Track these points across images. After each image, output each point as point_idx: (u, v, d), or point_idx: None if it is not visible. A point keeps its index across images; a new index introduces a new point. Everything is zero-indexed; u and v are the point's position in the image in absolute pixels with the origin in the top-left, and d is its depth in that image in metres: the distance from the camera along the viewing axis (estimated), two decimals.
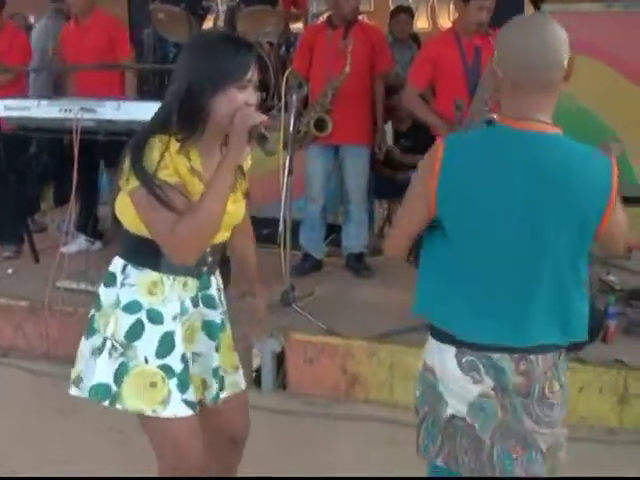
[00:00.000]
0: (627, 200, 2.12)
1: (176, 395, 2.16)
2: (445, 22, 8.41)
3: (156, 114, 2.11)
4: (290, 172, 4.22)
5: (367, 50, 4.79)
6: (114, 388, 2.14)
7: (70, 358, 2.29)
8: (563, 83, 1.93)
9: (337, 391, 3.96)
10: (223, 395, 2.35)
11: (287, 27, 6.84)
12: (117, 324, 2.15)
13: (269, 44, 6.37)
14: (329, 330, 4.00)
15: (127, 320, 2.15)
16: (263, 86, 5.85)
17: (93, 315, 2.23)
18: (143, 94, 5.89)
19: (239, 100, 2.04)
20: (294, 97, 4.40)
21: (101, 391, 2.15)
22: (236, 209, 2.21)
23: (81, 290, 4.46)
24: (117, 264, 2.23)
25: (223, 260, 2.42)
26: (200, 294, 2.28)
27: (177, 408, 2.16)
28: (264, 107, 5.33)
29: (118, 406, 2.14)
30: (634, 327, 4.00)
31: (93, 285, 4.37)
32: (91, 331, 2.22)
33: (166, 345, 2.16)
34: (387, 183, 5.74)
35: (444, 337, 2.01)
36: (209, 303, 2.31)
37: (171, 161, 2.02)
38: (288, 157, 4.21)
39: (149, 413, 2.14)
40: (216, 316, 2.33)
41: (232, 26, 6.43)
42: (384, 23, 7.00)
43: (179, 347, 2.18)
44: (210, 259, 2.26)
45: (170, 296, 2.18)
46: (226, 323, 2.38)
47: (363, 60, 4.75)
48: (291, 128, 4.30)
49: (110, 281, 2.22)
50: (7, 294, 4.67)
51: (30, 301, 4.54)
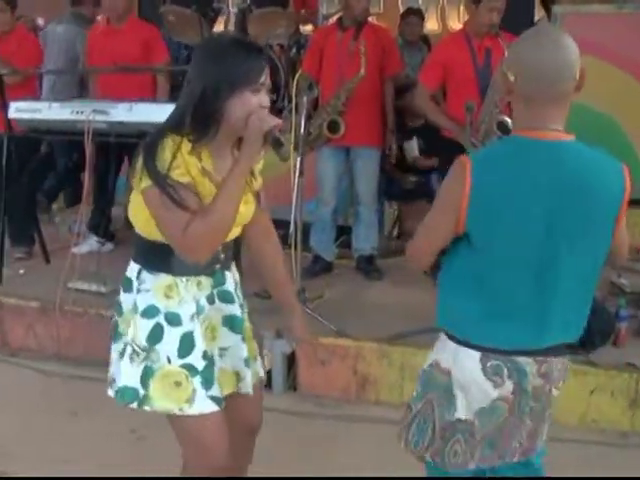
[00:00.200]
0: (637, 203, 2.14)
1: (201, 392, 2.20)
2: (455, 24, 8.41)
3: (170, 116, 2.14)
4: (301, 174, 4.22)
5: (378, 52, 4.79)
6: (142, 391, 2.18)
7: (80, 359, 2.31)
8: (575, 93, 1.97)
9: (348, 392, 3.96)
10: (253, 381, 2.39)
11: (297, 29, 6.85)
12: (137, 329, 2.20)
13: (279, 46, 6.38)
14: (340, 332, 4.00)
15: (146, 325, 2.19)
16: (273, 88, 5.85)
17: (116, 321, 2.29)
18: (175, 99, 5.81)
19: (253, 103, 2.07)
20: (304, 99, 4.40)
21: (128, 394, 2.19)
22: (246, 210, 2.23)
23: (92, 291, 4.47)
24: (132, 269, 2.27)
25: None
26: (215, 291, 2.31)
27: (203, 405, 2.20)
28: (274, 109, 5.34)
29: (146, 408, 2.19)
30: None
31: (104, 286, 4.40)
32: (117, 336, 2.27)
33: (186, 345, 2.20)
34: (397, 185, 5.74)
35: (466, 342, 2.04)
36: (226, 298, 2.34)
37: (183, 161, 2.05)
38: (299, 159, 4.21)
39: (176, 412, 2.18)
40: (236, 309, 2.36)
41: (243, 28, 6.43)
42: (393, 25, 7.01)
43: (199, 345, 2.22)
44: (222, 256, 2.29)
45: (186, 297, 2.22)
46: (244, 314, 2.42)
47: (374, 62, 4.75)
48: (302, 130, 4.30)
49: (127, 286, 2.27)
50: (18, 294, 4.69)
51: (41, 302, 4.55)
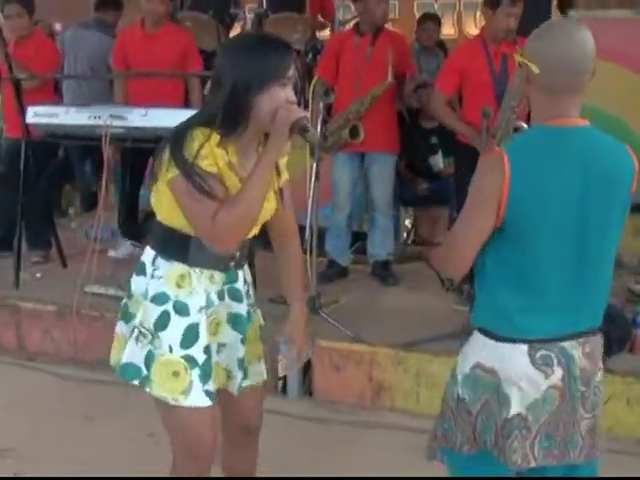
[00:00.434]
0: None
1: (198, 385, 2.21)
2: (471, 29, 8.39)
3: (200, 113, 2.18)
4: (317, 179, 4.23)
5: (394, 57, 4.77)
6: (144, 372, 2.20)
7: (97, 363, 2.32)
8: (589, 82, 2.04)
9: (363, 398, 3.96)
10: (245, 384, 2.38)
11: (314, 34, 6.85)
12: (145, 314, 2.22)
13: (295, 51, 6.37)
14: (355, 337, 3.99)
15: (155, 311, 2.22)
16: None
17: (126, 302, 2.32)
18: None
19: (281, 97, 2.10)
20: (320, 104, 4.41)
21: (130, 371, 2.22)
22: (267, 206, 2.24)
23: (108, 295, 4.50)
24: (148, 254, 2.29)
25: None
26: (226, 287, 2.32)
27: (198, 398, 2.21)
28: None
29: (147, 389, 2.21)
30: None
31: (121, 290, 4.41)
32: (128, 316, 2.30)
33: (190, 336, 2.21)
34: (412, 191, 5.74)
35: (512, 338, 2.05)
36: (235, 296, 2.35)
37: (211, 152, 2.08)
38: (314, 164, 4.21)
39: (170, 401, 2.20)
40: (242, 308, 2.37)
41: None
42: (409, 30, 7.00)
43: (203, 338, 2.23)
44: (238, 254, 2.31)
45: (197, 289, 2.23)
46: (253, 315, 2.42)
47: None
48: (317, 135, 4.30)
49: (140, 270, 2.29)
50: (35, 299, 4.73)
51: (58, 306, 4.59)
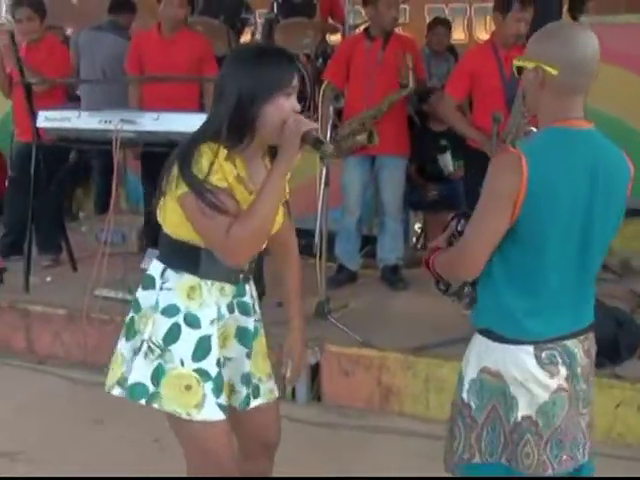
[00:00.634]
0: None
1: (211, 399, 2.18)
2: (482, 34, 8.40)
3: (206, 124, 2.16)
4: (326, 184, 4.23)
5: (404, 61, 4.77)
6: (152, 388, 2.17)
7: (107, 366, 2.31)
8: None
9: (372, 403, 3.95)
10: (257, 402, 2.35)
11: (324, 39, 6.86)
12: (155, 327, 2.19)
13: (306, 56, 6.39)
14: (364, 342, 3.99)
15: (165, 323, 2.19)
16: (299, 97, 5.84)
17: (132, 317, 2.27)
18: None
19: (286, 107, 2.11)
20: (330, 109, 4.41)
21: (138, 390, 2.18)
22: (277, 218, 2.23)
23: (119, 299, 4.51)
24: (156, 267, 2.26)
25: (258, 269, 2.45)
26: (235, 300, 2.31)
27: (211, 412, 2.18)
28: None
29: (155, 405, 2.18)
30: None
31: (131, 294, 4.41)
32: (132, 333, 2.26)
33: (202, 349, 2.19)
34: (422, 195, 5.73)
35: (518, 339, 2.05)
36: (244, 310, 2.34)
37: (220, 167, 2.08)
38: (324, 169, 4.21)
39: (183, 416, 2.17)
40: (250, 323, 2.35)
41: (270, 38, 6.46)
42: (420, 35, 7.01)
43: (215, 351, 2.21)
44: (247, 267, 2.30)
45: (207, 301, 2.21)
46: (260, 330, 2.40)
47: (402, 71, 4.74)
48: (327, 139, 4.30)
49: (148, 284, 2.26)
50: (45, 302, 4.74)
51: (68, 309, 4.60)
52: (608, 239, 2.11)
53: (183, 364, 2.17)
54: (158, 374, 2.17)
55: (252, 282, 2.40)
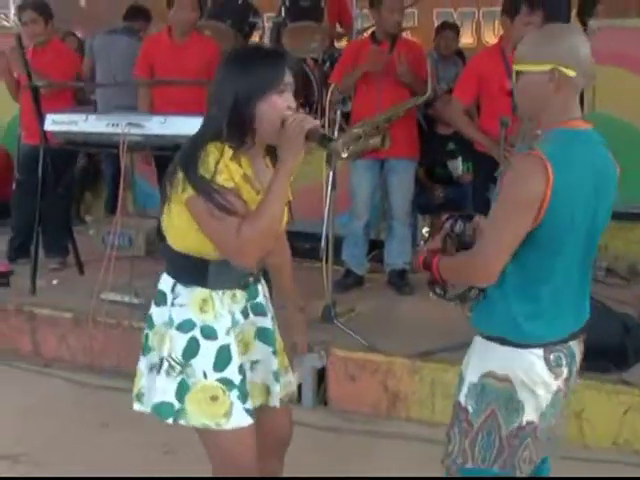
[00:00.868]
0: None
1: (238, 406, 2.20)
2: (490, 38, 8.37)
3: (204, 127, 2.16)
4: (333, 187, 4.22)
5: (411, 65, 4.76)
6: (177, 405, 2.18)
7: (114, 370, 2.31)
8: None
9: (378, 408, 3.93)
10: (281, 396, 2.39)
11: (332, 43, 6.87)
12: (172, 343, 2.20)
13: (313, 60, 6.40)
14: (371, 347, 3.97)
15: (182, 339, 2.19)
16: (306, 101, 5.86)
17: (147, 334, 2.29)
18: None
19: (280, 105, 2.11)
20: (338, 112, 4.40)
21: (164, 409, 2.19)
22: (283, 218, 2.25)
23: (124, 302, 4.50)
24: (166, 282, 2.27)
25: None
26: (249, 304, 2.32)
27: (240, 418, 2.20)
28: None
29: (182, 422, 2.19)
30: None
31: (136, 298, 4.42)
32: (147, 349, 2.28)
33: (223, 358, 2.20)
34: (427, 198, 5.71)
35: (528, 343, 2.06)
36: (259, 311, 2.36)
37: (226, 167, 2.08)
38: (331, 172, 4.20)
39: (213, 427, 2.18)
40: (268, 322, 2.38)
41: (277, 42, 6.47)
42: (428, 39, 7.00)
43: (235, 359, 2.22)
44: (255, 270, 2.31)
45: (221, 311, 2.22)
46: (275, 327, 2.42)
47: (407, 68, 4.73)
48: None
49: (161, 300, 2.27)
50: (52, 305, 4.74)
51: (74, 313, 4.60)
52: (599, 240, 2.16)
53: (206, 376, 2.18)
54: (182, 390, 2.18)
55: (263, 281, 2.41)
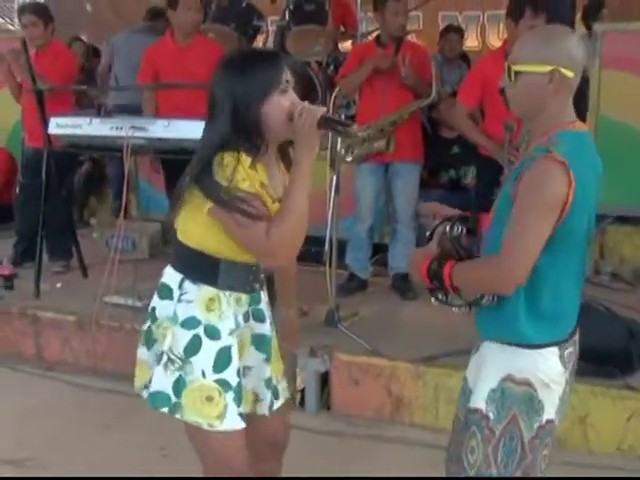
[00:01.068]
0: None
1: (232, 409, 2.20)
2: (495, 41, 8.38)
3: (211, 136, 2.13)
4: (337, 191, 4.21)
5: (416, 68, 4.75)
6: (174, 399, 2.18)
7: (117, 373, 2.31)
8: None
9: (381, 413, 3.92)
10: (279, 403, 2.40)
11: (336, 46, 6.86)
12: (175, 339, 2.20)
13: (317, 63, 6.39)
14: (374, 351, 3.96)
15: (185, 336, 2.19)
16: (311, 104, 5.82)
17: (150, 327, 2.28)
18: None
19: (285, 104, 2.10)
20: (342, 116, 4.40)
21: (160, 398, 2.20)
22: None
23: (128, 306, 4.51)
24: (173, 277, 2.26)
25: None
26: (251, 309, 2.33)
27: (233, 422, 2.20)
28: None
29: (177, 415, 2.19)
30: None
31: (139, 301, 4.42)
32: (151, 342, 2.27)
33: (223, 360, 2.20)
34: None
35: (547, 342, 2.07)
36: (259, 317, 2.36)
37: (246, 174, 2.08)
38: (334, 176, 4.19)
39: (205, 427, 2.18)
40: (265, 329, 2.38)
41: (281, 45, 6.46)
42: (433, 42, 7.00)
43: (235, 361, 2.22)
44: (262, 275, 2.33)
45: (226, 312, 2.23)
46: (273, 333, 2.43)
47: (411, 71, 4.71)
48: (338, 147, 4.29)
49: (165, 294, 2.26)
50: (55, 308, 4.74)
51: (77, 316, 4.59)
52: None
53: (204, 375, 2.18)
54: (179, 386, 2.18)
55: (265, 288, 2.42)
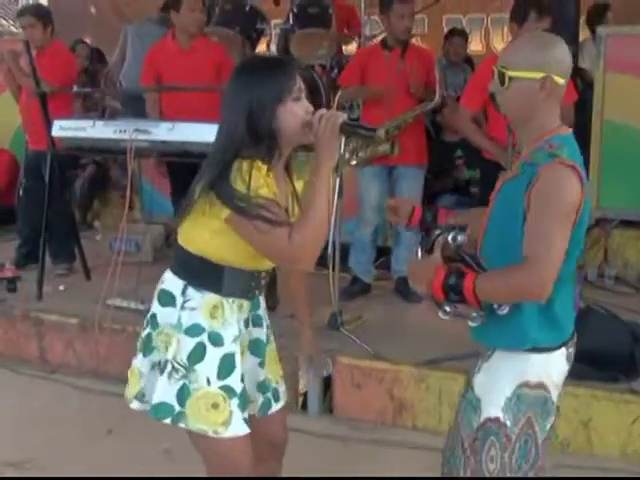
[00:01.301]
0: None
1: (237, 415, 2.20)
2: (499, 44, 8.38)
3: (225, 141, 2.12)
4: (340, 195, 4.19)
5: (422, 72, 4.74)
6: (177, 408, 2.17)
7: (119, 376, 2.30)
8: None
9: (384, 417, 3.91)
10: (278, 405, 2.42)
11: (340, 50, 6.86)
12: (179, 347, 2.19)
13: (321, 67, 6.39)
14: (377, 355, 3.95)
15: (189, 343, 2.19)
16: (315, 107, 5.82)
17: (149, 334, 2.26)
18: None
19: (299, 111, 2.12)
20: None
21: (163, 409, 2.19)
22: None
23: (131, 308, 4.51)
24: (175, 284, 2.25)
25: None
26: (251, 315, 2.33)
27: (238, 427, 2.20)
28: None
29: (181, 424, 2.18)
30: None
31: (143, 304, 4.41)
32: (149, 349, 2.25)
33: (227, 366, 2.20)
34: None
35: (558, 344, 2.09)
36: (257, 322, 2.37)
37: (264, 181, 2.07)
38: (337, 180, 4.18)
39: (211, 434, 2.18)
40: (262, 333, 2.38)
41: (285, 49, 6.46)
42: (437, 45, 7.00)
43: (239, 368, 2.22)
44: (264, 282, 2.33)
45: (230, 319, 2.23)
46: (270, 337, 2.43)
47: (419, 82, 4.72)
48: (341, 150, 4.26)
49: (167, 301, 2.25)
50: (58, 311, 4.74)
51: (80, 318, 4.59)
52: None
53: (209, 383, 2.18)
54: (183, 394, 2.17)
55: (262, 294, 2.42)
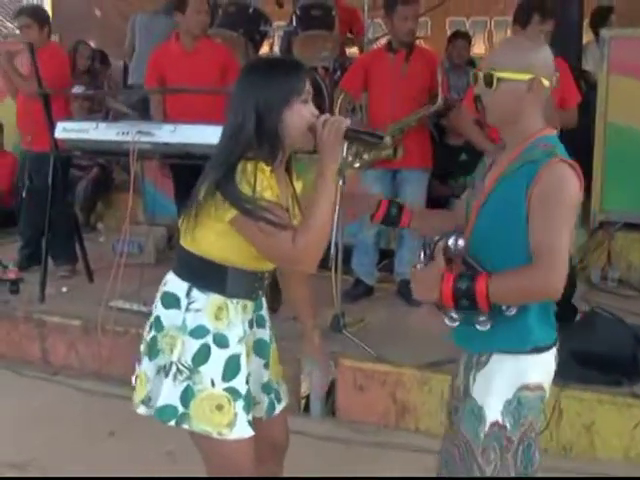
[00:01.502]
0: None
1: (242, 417, 2.20)
2: None
3: (231, 142, 2.12)
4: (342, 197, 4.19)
5: (426, 75, 4.73)
6: (181, 409, 2.17)
7: (121, 378, 2.30)
8: None
9: (387, 419, 3.90)
10: (281, 406, 2.43)
11: (343, 52, 6.85)
12: (184, 349, 2.18)
13: (324, 69, 6.38)
14: (379, 357, 3.95)
15: (194, 345, 2.18)
16: (318, 110, 5.80)
17: (155, 337, 2.25)
18: None
19: (305, 114, 2.12)
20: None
21: (167, 412, 2.18)
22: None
23: (133, 310, 4.51)
24: (179, 286, 2.24)
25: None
26: (254, 316, 2.34)
27: (243, 430, 2.20)
28: None
29: (185, 426, 2.18)
30: None
31: (145, 306, 4.41)
32: (155, 352, 2.24)
33: (232, 368, 2.20)
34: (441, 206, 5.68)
35: (554, 343, 2.12)
36: (260, 323, 2.38)
37: (268, 183, 2.08)
38: (340, 182, 4.17)
39: (215, 436, 2.17)
40: (265, 334, 2.39)
41: (288, 51, 6.46)
42: (441, 48, 7.00)
43: (244, 369, 2.22)
44: (266, 283, 2.33)
45: (234, 320, 2.23)
46: (272, 337, 2.44)
47: (424, 85, 4.71)
48: (344, 152, 4.26)
49: (171, 303, 2.24)
50: (61, 313, 4.74)
51: (83, 320, 4.59)
52: None
53: (214, 384, 2.18)
54: (187, 396, 2.17)
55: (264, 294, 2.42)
